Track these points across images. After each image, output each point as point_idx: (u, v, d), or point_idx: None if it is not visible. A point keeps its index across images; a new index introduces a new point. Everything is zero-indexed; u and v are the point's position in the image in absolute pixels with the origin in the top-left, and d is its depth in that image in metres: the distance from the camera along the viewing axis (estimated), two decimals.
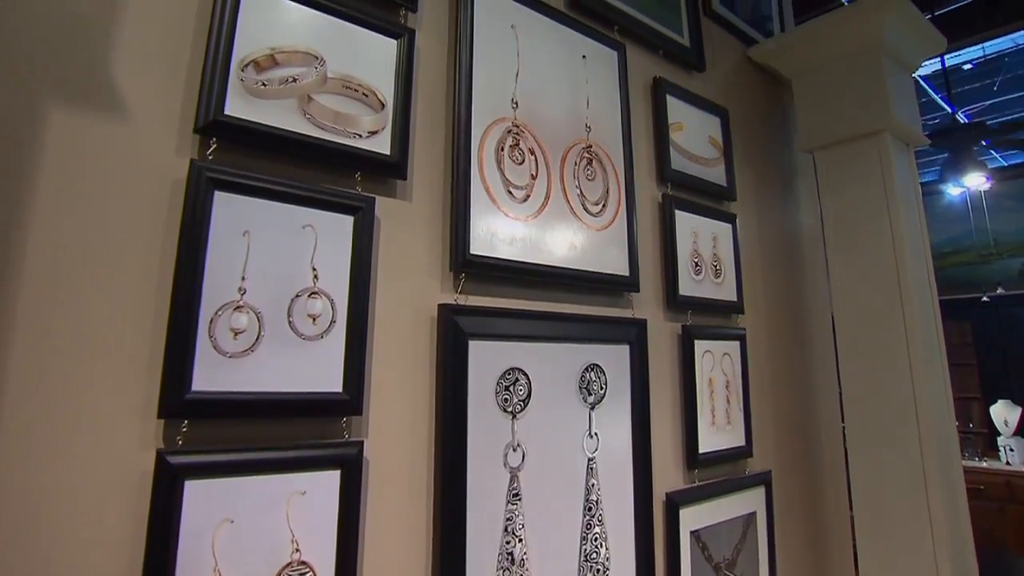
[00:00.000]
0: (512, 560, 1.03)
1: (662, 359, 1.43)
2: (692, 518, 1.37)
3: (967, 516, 1.66)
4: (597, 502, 1.18)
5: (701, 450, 1.43)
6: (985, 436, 5.36)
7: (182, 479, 0.74)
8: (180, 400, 0.74)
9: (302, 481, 0.83)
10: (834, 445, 1.94)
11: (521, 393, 1.10)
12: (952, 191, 5.32)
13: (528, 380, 1.11)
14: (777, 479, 1.66)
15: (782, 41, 1.98)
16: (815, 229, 2.04)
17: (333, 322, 0.89)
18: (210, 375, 0.77)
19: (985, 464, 4.91)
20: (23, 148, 0.71)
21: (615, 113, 1.40)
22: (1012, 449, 4.88)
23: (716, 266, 1.59)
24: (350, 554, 0.85)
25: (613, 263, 1.30)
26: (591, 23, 1.42)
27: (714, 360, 1.53)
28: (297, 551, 0.81)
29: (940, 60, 4.21)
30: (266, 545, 0.79)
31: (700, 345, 1.49)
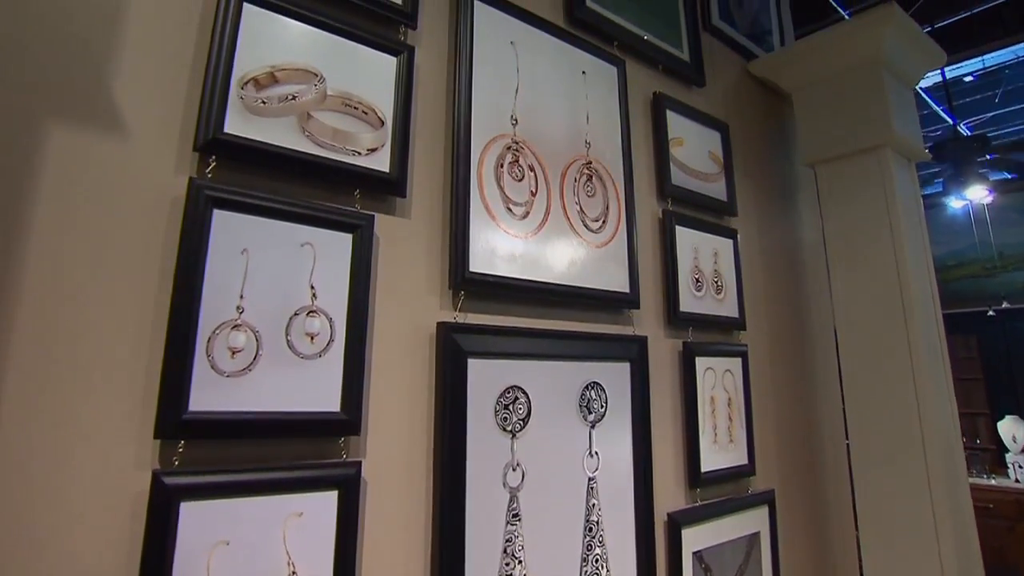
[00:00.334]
0: None
1: (663, 376, 1.44)
2: (694, 539, 1.37)
3: (975, 535, 1.66)
4: (598, 523, 1.18)
5: (703, 469, 1.43)
6: (993, 453, 5.34)
7: (178, 500, 0.74)
8: (177, 420, 0.75)
9: (299, 502, 0.83)
10: (838, 463, 1.94)
11: (521, 412, 1.10)
12: (955, 204, 5.35)
13: (528, 398, 1.12)
14: (781, 498, 1.66)
15: (782, 55, 2.01)
16: (817, 244, 2.05)
17: (331, 341, 0.90)
18: (207, 395, 0.78)
19: (994, 482, 4.88)
20: (24, 165, 0.72)
21: (615, 129, 1.42)
22: (1021, 466, 4.85)
23: (717, 282, 1.60)
24: None
25: (613, 280, 1.31)
26: (591, 39, 1.45)
27: (716, 377, 1.53)
28: (294, 573, 0.81)
29: (940, 72, 4.26)
30: (262, 568, 0.79)
31: (701, 362, 1.50)
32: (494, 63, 1.21)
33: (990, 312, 5.83)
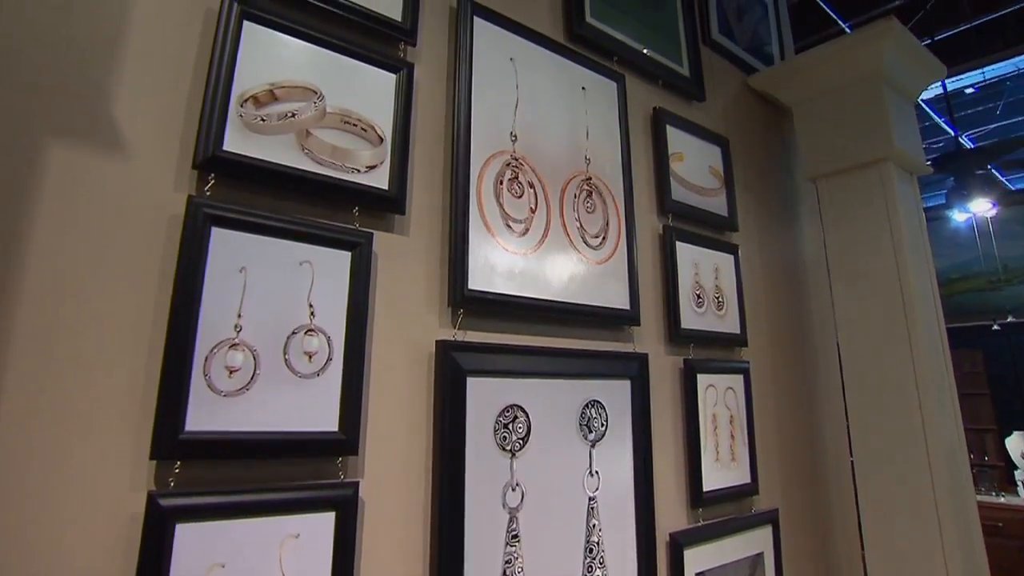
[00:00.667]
0: None
1: (664, 394, 1.44)
2: (697, 559, 1.37)
3: (983, 555, 1.65)
4: (598, 543, 1.18)
5: (705, 488, 1.43)
6: (1002, 470, 5.33)
7: (173, 522, 0.74)
8: (173, 441, 0.76)
9: (296, 524, 0.84)
10: (843, 481, 1.94)
11: (520, 431, 1.11)
12: (958, 216, 5.39)
13: (527, 417, 1.12)
14: (784, 517, 1.66)
15: (782, 69, 2.04)
16: (819, 258, 2.07)
17: (330, 360, 0.91)
18: (204, 414, 0.79)
19: (1003, 500, 4.86)
20: (22, 182, 0.74)
21: (615, 144, 1.44)
22: None
23: (718, 298, 1.61)
24: None
25: (613, 296, 1.32)
26: (590, 54, 1.47)
27: (717, 394, 1.54)
28: None
29: (941, 84, 4.32)
30: None
31: (703, 379, 1.51)
32: (494, 79, 1.23)
33: (995, 326, 5.84)
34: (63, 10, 0.80)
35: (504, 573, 1.03)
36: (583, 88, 1.42)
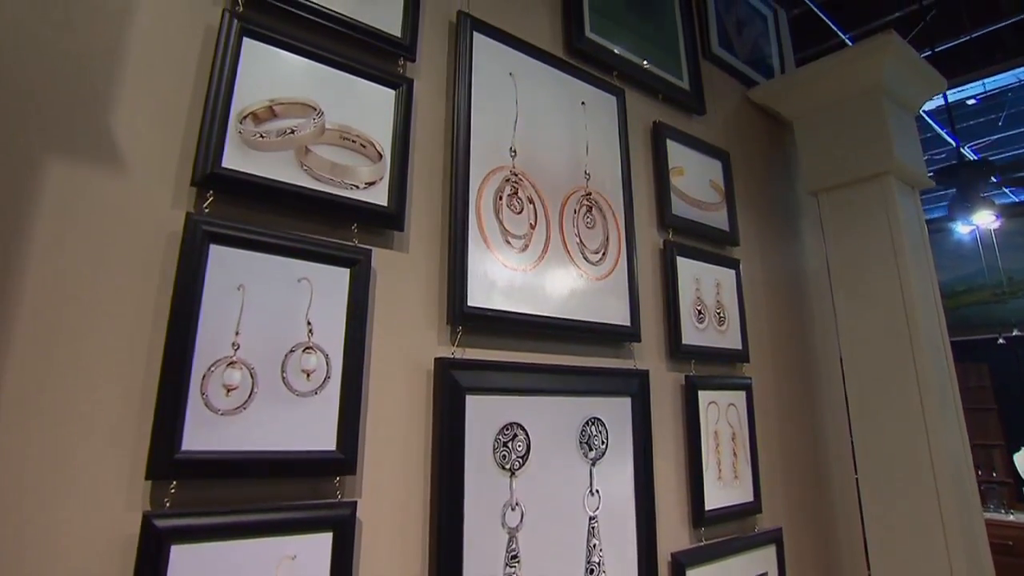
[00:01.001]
0: None
1: (665, 411, 1.45)
2: None
3: (992, 574, 1.65)
4: (599, 564, 1.18)
5: (707, 507, 1.43)
6: (1011, 487, 5.31)
7: (169, 543, 0.75)
8: (169, 460, 0.76)
9: (293, 545, 0.84)
10: (847, 499, 1.94)
11: (520, 449, 1.11)
12: (962, 229, 5.43)
13: (527, 435, 1.13)
14: (788, 536, 1.66)
15: (782, 83, 2.07)
16: (821, 273, 2.09)
17: (328, 378, 0.91)
18: (201, 433, 0.79)
19: (1012, 517, 4.83)
20: (21, 200, 0.75)
21: (615, 159, 1.46)
22: None
23: (720, 313, 1.62)
24: None
25: (613, 313, 1.33)
26: (590, 69, 1.49)
27: (719, 411, 1.55)
28: None
29: (943, 95, 4.36)
30: None
31: (704, 396, 1.51)
32: (493, 94, 1.25)
33: (1000, 340, 5.86)
34: (63, 26, 0.82)
35: None
36: (583, 103, 1.44)
